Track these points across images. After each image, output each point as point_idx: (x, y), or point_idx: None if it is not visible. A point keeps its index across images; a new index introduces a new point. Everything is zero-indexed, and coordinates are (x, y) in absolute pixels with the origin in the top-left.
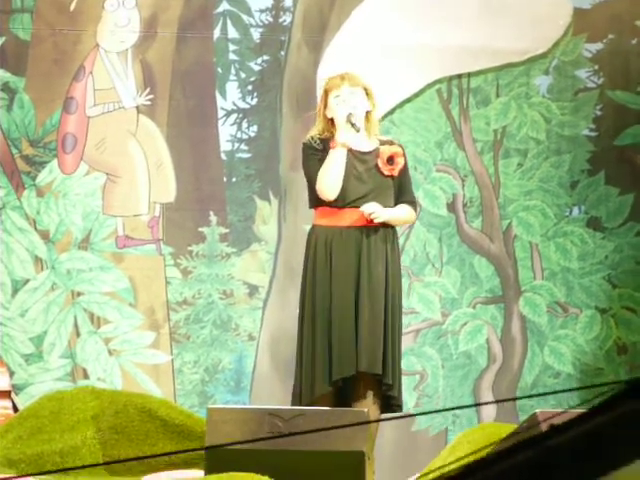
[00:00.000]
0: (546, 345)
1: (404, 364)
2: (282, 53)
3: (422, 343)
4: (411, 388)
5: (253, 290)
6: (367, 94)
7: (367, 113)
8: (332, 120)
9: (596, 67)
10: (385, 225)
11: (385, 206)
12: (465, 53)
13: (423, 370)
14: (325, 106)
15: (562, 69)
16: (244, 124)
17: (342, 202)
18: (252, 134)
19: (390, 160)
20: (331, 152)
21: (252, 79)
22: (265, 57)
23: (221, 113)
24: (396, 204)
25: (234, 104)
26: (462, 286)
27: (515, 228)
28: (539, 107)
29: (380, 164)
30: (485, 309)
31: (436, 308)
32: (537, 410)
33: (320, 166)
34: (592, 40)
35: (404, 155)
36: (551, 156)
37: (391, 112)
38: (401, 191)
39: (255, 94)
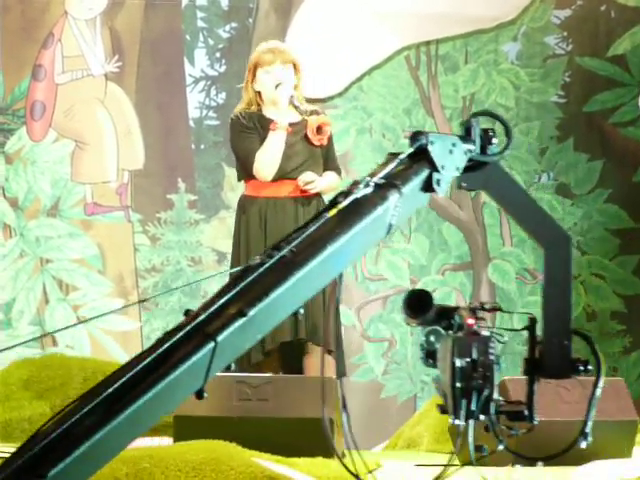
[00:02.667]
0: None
1: (372, 331)
2: (250, 20)
3: (391, 310)
4: (379, 355)
5: (221, 257)
6: (295, 69)
7: (294, 87)
8: (259, 93)
9: (565, 34)
10: (317, 195)
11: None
12: (434, 20)
13: (392, 337)
14: (253, 79)
15: (531, 36)
16: (212, 91)
17: (276, 175)
18: (220, 101)
19: (319, 130)
20: (271, 135)
21: (220, 46)
22: (233, 24)
23: (189, 80)
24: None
25: (202, 71)
26: (431, 253)
27: (484, 195)
28: (508, 74)
29: (310, 134)
30: (454, 276)
31: (405, 275)
32: (505, 377)
33: (254, 145)
34: (561, 6)
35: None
36: (520, 123)
37: (359, 79)
38: (328, 159)
39: (223, 61)
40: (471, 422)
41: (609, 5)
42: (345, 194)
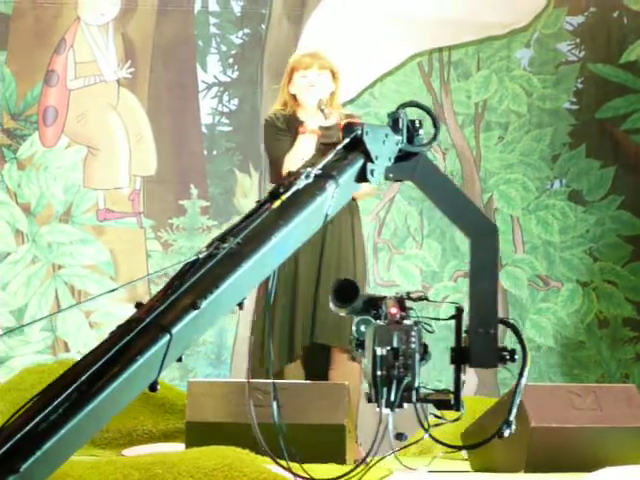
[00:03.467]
0: (527, 318)
1: None
2: (263, 26)
3: None
4: None
5: None
6: (333, 76)
7: (330, 94)
8: (294, 96)
9: (577, 40)
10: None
11: None
12: (446, 26)
13: None
14: (289, 82)
15: (543, 42)
16: (225, 97)
17: None
18: (233, 107)
19: None
20: (301, 138)
21: (233, 52)
22: (246, 30)
23: (202, 86)
24: None
25: (215, 77)
26: (443, 259)
27: (496, 201)
28: (520, 80)
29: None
30: (466, 282)
31: (417, 281)
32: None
33: (286, 147)
34: (573, 13)
35: None
36: (532, 129)
37: (372, 85)
38: None
39: (236, 67)
40: (386, 410)
41: (622, 12)
42: (286, 186)
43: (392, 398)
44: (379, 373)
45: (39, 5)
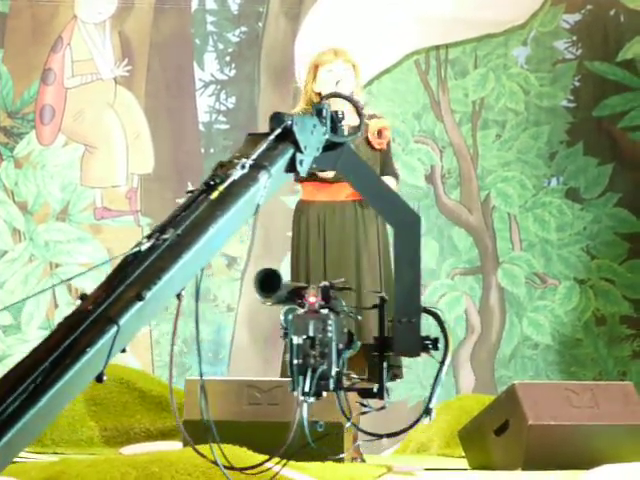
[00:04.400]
0: (524, 316)
1: None
2: (260, 24)
3: None
4: None
5: (231, 261)
6: (355, 71)
7: (354, 90)
8: (320, 94)
9: (574, 38)
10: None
11: None
12: (443, 24)
13: None
14: (314, 79)
15: (540, 40)
16: (222, 95)
17: (336, 177)
18: (230, 105)
19: (379, 134)
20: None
21: (230, 50)
22: (243, 28)
23: (199, 84)
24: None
25: (212, 75)
26: (440, 257)
27: (493, 199)
28: (517, 78)
29: (371, 137)
30: (463, 280)
31: None
32: (515, 382)
33: None
34: (570, 11)
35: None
36: (529, 127)
37: (369, 83)
38: (386, 164)
39: (233, 65)
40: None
41: (619, 9)
42: (219, 176)
43: (307, 387)
44: (295, 362)
45: (36, 3)
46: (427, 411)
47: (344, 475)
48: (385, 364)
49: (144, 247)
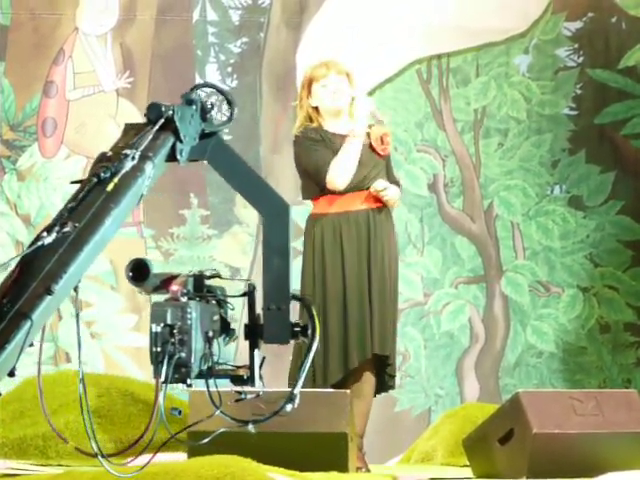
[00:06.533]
0: (528, 324)
1: None
2: (261, 35)
3: (404, 323)
4: None
5: (235, 272)
6: (349, 80)
7: (352, 99)
8: (317, 108)
9: (576, 46)
10: (385, 205)
11: None
12: (445, 33)
13: (405, 351)
14: (309, 95)
15: (542, 48)
16: (224, 106)
17: (347, 187)
18: None
19: (382, 140)
20: (348, 143)
21: (232, 61)
22: (244, 39)
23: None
24: None
25: None
26: (444, 266)
27: (496, 208)
28: (519, 86)
29: (375, 144)
30: (467, 289)
31: (418, 288)
32: (519, 390)
33: (325, 157)
34: (571, 19)
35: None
36: (532, 135)
37: (371, 93)
38: (388, 172)
39: (235, 76)
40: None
41: (620, 17)
42: (109, 168)
43: (164, 374)
44: (154, 349)
45: (37, 16)
46: (291, 398)
47: None
48: (381, 376)
49: (47, 241)
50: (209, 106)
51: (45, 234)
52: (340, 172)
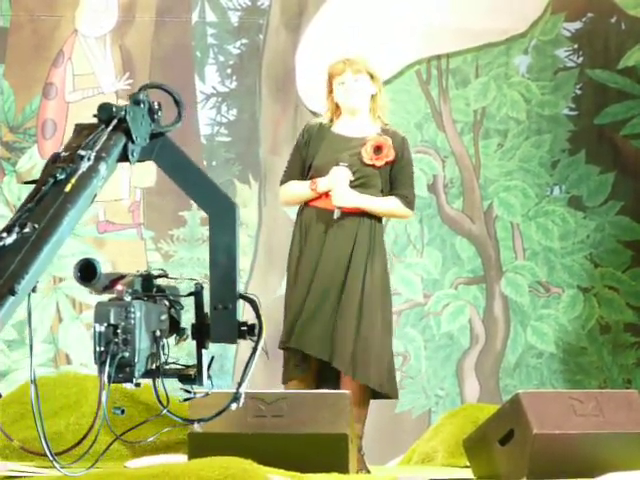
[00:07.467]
0: (529, 325)
1: None
2: (261, 36)
3: (404, 324)
4: None
5: None
6: (372, 78)
7: (372, 96)
8: (337, 105)
9: (575, 46)
10: (372, 216)
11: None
12: (444, 34)
13: (405, 351)
14: (331, 91)
15: (541, 48)
16: (223, 108)
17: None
18: (231, 118)
19: (377, 150)
20: (309, 187)
21: (231, 62)
22: (244, 40)
23: (200, 97)
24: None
25: (213, 88)
26: (444, 267)
27: (496, 208)
28: (519, 87)
29: (362, 152)
30: (467, 289)
31: (418, 289)
32: (519, 391)
33: (292, 167)
34: (571, 19)
35: (402, 148)
36: (531, 136)
37: None
38: (395, 183)
39: (234, 77)
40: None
41: (619, 17)
42: (65, 169)
43: (107, 374)
44: (97, 349)
45: (37, 18)
46: (235, 397)
47: None
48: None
49: (7, 242)
50: (156, 107)
51: (5, 235)
52: (286, 198)
